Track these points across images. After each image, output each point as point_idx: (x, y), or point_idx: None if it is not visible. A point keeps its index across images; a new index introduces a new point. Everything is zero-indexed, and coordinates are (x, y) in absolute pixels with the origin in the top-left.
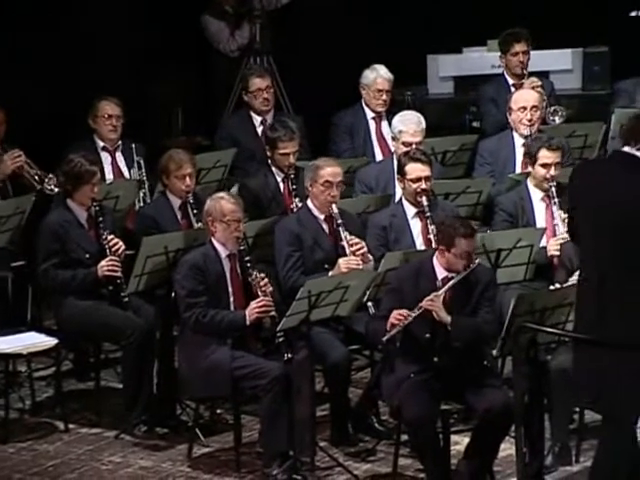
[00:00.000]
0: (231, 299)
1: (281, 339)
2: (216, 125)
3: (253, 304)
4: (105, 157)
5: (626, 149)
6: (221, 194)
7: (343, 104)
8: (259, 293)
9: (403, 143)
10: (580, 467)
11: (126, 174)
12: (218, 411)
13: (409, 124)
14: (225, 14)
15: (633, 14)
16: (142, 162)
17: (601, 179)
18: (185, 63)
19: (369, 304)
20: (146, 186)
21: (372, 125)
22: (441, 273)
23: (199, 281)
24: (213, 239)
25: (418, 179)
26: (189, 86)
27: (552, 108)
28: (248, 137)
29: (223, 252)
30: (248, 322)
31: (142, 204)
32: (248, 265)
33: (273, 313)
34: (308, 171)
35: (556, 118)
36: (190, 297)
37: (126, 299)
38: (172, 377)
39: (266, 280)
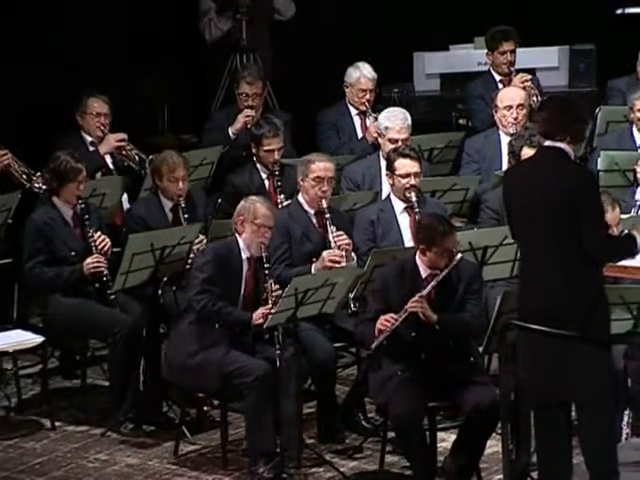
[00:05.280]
0: (241, 299)
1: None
2: (203, 123)
3: (262, 310)
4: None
5: (547, 143)
6: (257, 198)
7: (330, 101)
8: (269, 301)
9: (389, 140)
10: None
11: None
12: (205, 408)
13: (395, 120)
14: None
15: (619, 12)
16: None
17: (530, 176)
18: (171, 60)
19: (350, 299)
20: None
21: (357, 122)
22: (425, 271)
23: (218, 271)
24: (239, 238)
25: (407, 175)
26: (175, 83)
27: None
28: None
29: (245, 253)
30: (252, 326)
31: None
32: (266, 272)
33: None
34: (300, 166)
35: None
36: (206, 283)
37: (113, 296)
38: (158, 375)
39: (280, 292)
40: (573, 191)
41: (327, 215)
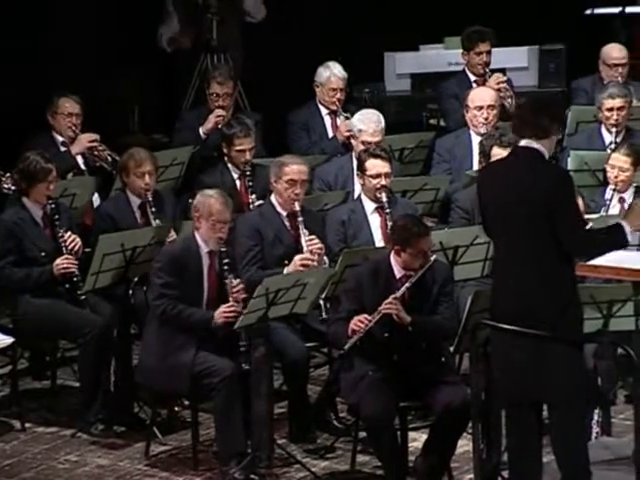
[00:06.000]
0: (204, 295)
1: (243, 348)
2: (174, 123)
3: (223, 308)
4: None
5: (522, 143)
6: (212, 192)
7: (300, 102)
8: (230, 299)
9: (362, 142)
10: None
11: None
12: (176, 409)
13: (369, 123)
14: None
15: (588, 12)
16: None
17: (505, 176)
18: (142, 60)
19: (321, 302)
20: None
21: (328, 121)
22: (399, 272)
23: (175, 274)
24: (196, 233)
25: (378, 175)
26: (146, 84)
27: (520, 101)
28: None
29: (204, 248)
30: (214, 325)
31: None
32: (225, 268)
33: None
34: (273, 167)
35: None
36: (163, 287)
37: (83, 297)
38: (129, 375)
39: (240, 287)
40: (548, 190)
41: (300, 218)
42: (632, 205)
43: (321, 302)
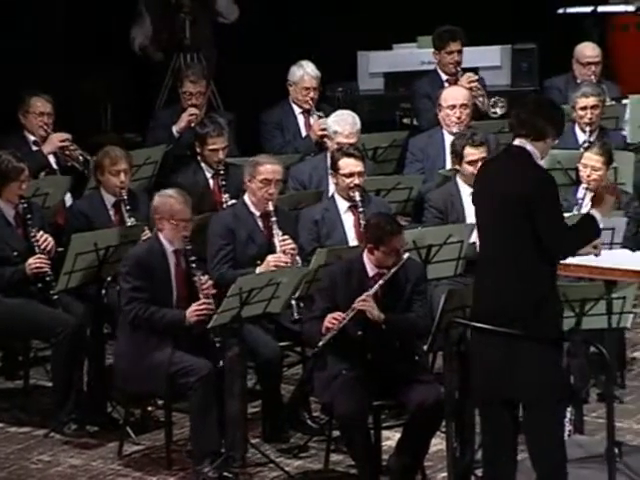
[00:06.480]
0: (174, 294)
1: (217, 344)
2: (147, 122)
3: (194, 306)
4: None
5: (516, 142)
6: (170, 192)
7: (273, 101)
8: (200, 295)
9: (337, 143)
10: None
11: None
12: (149, 409)
13: (344, 125)
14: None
15: (560, 11)
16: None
17: (491, 175)
18: (115, 59)
19: (293, 302)
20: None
21: (301, 120)
22: (372, 270)
23: (143, 277)
24: (160, 234)
25: (351, 174)
26: (119, 83)
27: (492, 100)
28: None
29: (169, 247)
30: (187, 324)
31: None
32: (193, 266)
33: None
34: (247, 166)
35: (497, 109)
36: (133, 292)
37: (56, 297)
38: (102, 375)
39: (209, 283)
40: (527, 189)
41: (273, 218)
42: (598, 192)
43: (293, 302)
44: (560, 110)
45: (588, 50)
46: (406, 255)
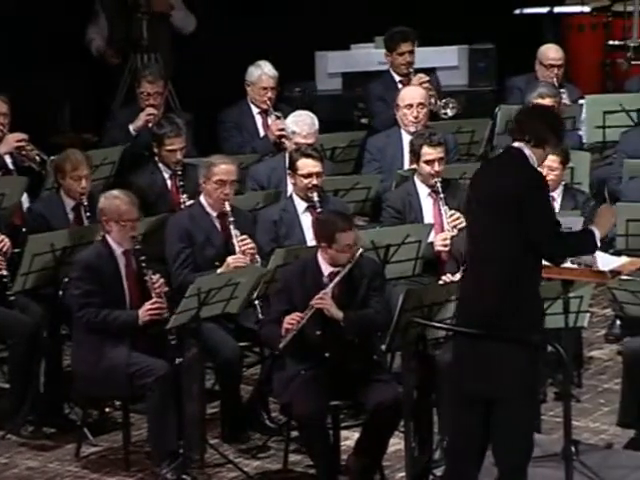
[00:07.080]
0: (127, 296)
1: (173, 341)
2: (104, 122)
3: (147, 305)
4: None
5: (516, 145)
6: (116, 193)
7: (231, 101)
8: (153, 294)
9: (296, 144)
10: None
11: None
12: (107, 410)
13: (302, 125)
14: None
15: (517, 12)
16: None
17: (484, 176)
18: (71, 59)
19: (256, 303)
20: None
21: (259, 120)
22: (327, 269)
23: (93, 281)
24: (107, 236)
25: (309, 175)
26: (76, 82)
27: (443, 101)
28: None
29: (118, 249)
30: (141, 323)
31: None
32: (143, 265)
33: (166, 315)
34: (202, 168)
35: (448, 111)
36: (83, 297)
37: (12, 298)
38: (59, 376)
39: (161, 281)
40: (516, 190)
41: (230, 219)
42: (600, 211)
43: (257, 303)
44: (561, 121)
45: (551, 52)
46: (360, 251)
